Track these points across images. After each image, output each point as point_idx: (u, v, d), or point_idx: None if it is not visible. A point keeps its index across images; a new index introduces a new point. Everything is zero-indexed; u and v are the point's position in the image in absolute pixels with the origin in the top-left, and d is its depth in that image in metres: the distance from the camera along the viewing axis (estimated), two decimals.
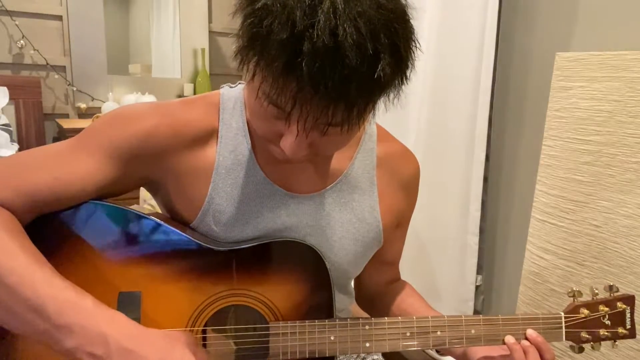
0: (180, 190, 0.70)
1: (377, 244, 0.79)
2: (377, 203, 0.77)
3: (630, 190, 1.07)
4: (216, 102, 0.72)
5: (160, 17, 2.56)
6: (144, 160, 0.67)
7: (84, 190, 0.64)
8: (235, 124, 0.71)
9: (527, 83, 1.46)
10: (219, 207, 0.70)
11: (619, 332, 0.74)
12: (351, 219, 0.75)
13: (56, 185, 0.62)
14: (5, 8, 2.05)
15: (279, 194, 0.72)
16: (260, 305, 0.68)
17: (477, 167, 1.52)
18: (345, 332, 0.68)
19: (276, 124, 0.58)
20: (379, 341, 0.69)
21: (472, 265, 1.58)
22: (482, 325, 0.71)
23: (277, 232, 0.71)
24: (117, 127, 0.67)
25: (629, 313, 0.74)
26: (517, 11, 1.48)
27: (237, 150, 0.70)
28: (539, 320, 0.72)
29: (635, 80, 1.04)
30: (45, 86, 2.21)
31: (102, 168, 0.65)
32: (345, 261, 0.75)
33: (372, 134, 0.79)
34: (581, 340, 0.73)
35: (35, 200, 0.61)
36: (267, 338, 0.66)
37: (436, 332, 0.70)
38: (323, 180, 0.74)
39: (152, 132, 0.66)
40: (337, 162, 0.75)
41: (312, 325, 0.67)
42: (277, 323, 0.67)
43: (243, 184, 0.70)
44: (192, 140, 0.69)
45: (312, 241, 0.71)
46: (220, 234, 0.70)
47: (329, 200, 0.74)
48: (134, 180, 0.70)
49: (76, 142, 0.67)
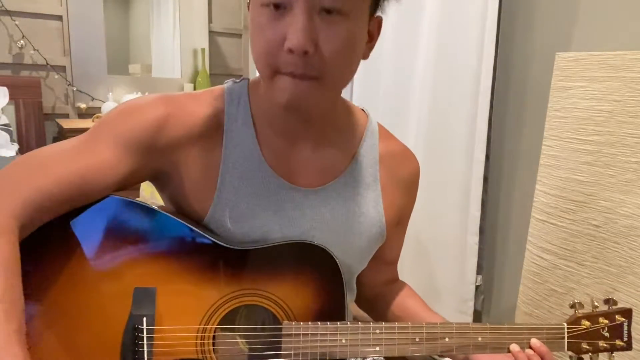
0: (189, 184, 0.70)
1: (381, 239, 0.80)
2: (380, 198, 0.78)
3: (630, 190, 1.07)
4: (221, 95, 0.73)
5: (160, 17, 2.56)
6: (157, 151, 0.67)
7: (106, 182, 0.64)
8: (241, 118, 0.72)
9: (527, 83, 1.46)
10: (229, 201, 0.70)
11: (617, 345, 0.76)
12: (355, 213, 0.75)
13: (79, 180, 0.62)
14: (5, 8, 2.05)
15: (285, 188, 0.72)
16: (273, 306, 0.68)
17: (477, 167, 1.52)
18: (357, 335, 0.68)
19: (278, 26, 0.59)
20: (388, 346, 0.69)
21: (472, 265, 1.58)
22: (489, 333, 0.72)
23: (283, 226, 0.71)
24: (129, 118, 0.67)
25: (627, 326, 0.76)
26: (517, 11, 1.48)
27: (243, 144, 0.71)
28: (543, 330, 0.74)
29: (635, 80, 1.04)
30: (45, 86, 2.21)
31: (121, 159, 0.65)
32: (349, 255, 0.75)
33: (374, 131, 0.79)
34: (581, 351, 0.75)
35: (58, 197, 0.60)
36: (280, 338, 0.66)
37: (444, 339, 0.71)
38: (327, 175, 0.75)
39: (163, 122, 0.67)
40: (341, 157, 0.76)
41: (324, 327, 0.67)
42: (290, 323, 0.67)
43: (250, 178, 0.71)
44: (199, 133, 0.69)
45: (317, 235, 0.72)
46: (232, 229, 0.70)
47: (334, 195, 0.74)
48: (147, 173, 0.69)
49: (90, 137, 0.67)
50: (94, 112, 2.29)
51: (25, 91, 2.09)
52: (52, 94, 2.24)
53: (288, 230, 0.72)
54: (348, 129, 0.77)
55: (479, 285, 1.64)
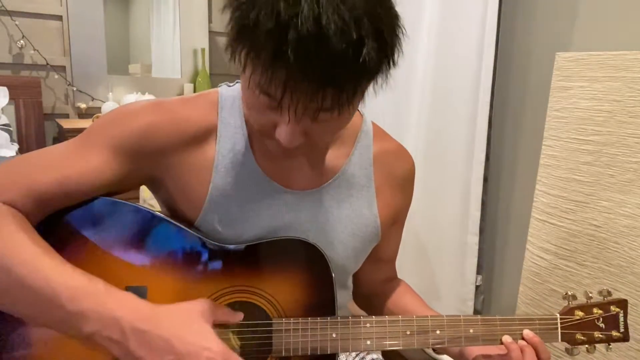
0: (181, 188, 0.70)
1: (376, 239, 0.80)
2: (374, 198, 0.78)
3: (630, 190, 1.07)
4: (215, 100, 0.72)
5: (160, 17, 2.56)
6: (147, 157, 0.67)
7: (93, 187, 0.65)
8: (234, 122, 0.72)
9: (527, 83, 1.46)
10: (220, 205, 0.70)
11: (613, 335, 0.75)
12: (349, 215, 0.76)
13: (66, 183, 0.63)
14: (5, 8, 2.05)
15: (278, 191, 0.72)
16: (264, 302, 0.68)
17: (477, 167, 1.52)
18: (347, 329, 0.68)
19: (270, 115, 0.59)
20: (379, 339, 0.69)
21: (472, 265, 1.58)
22: (481, 325, 0.72)
23: (277, 229, 0.72)
24: (119, 124, 0.67)
25: (622, 316, 0.75)
26: (517, 11, 1.48)
27: (235, 148, 0.71)
28: (535, 322, 0.74)
29: (635, 80, 1.04)
30: (45, 86, 2.21)
31: (109, 164, 0.65)
32: (344, 256, 0.76)
33: (368, 132, 0.79)
34: (576, 342, 0.75)
35: (45, 199, 0.62)
36: (271, 334, 0.67)
37: (435, 331, 0.71)
38: (321, 177, 0.75)
39: (153, 127, 0.67)
40: (334, 159, 0.76)
41: (314, 322, 0.68)
42: (280, 319, 0.68)
43: (242, 182, 0.71)
44: (192, 137, 0.69)
45: (312, 237, 0.72)
46: (223, 232, 0.70)
47: (327, 197, 0.75)
48: (138, 177, 0.70)
49: (80, 141, 0.68)
50: (94, 112, 2.29)
51: (25, 91, 2.09)
52: (52, 94, 2.24)
53: (282, 234, 0.72)
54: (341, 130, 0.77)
55: (479, 285, 1.64)
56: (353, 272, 0.82)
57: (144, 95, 2.32)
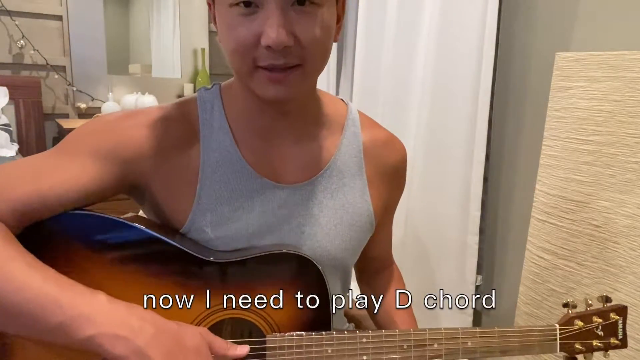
0: (167, 195, 0.69)
1: (371, 228, 0.79)
2: (366, 187, 0.77)
3: (630, 190, 1.07)
4: (194, 104, 0.72)
5: (160, 17, 2.56)
6: (125, 163, 0.66)
7: (72, 197, 0.63)
8: (216, 123, 0.71)
9: (527, 83, 1.46)
10: (209, 207, 0.69)
11: (612, 343, 0.74)
12: (344, 205, 0.75)
13: (45, 193, 0.61)
14: (5, 8, 2.05)
15: (269, 187, 0.71)
16: (257, 318, 0.67)
17: (477, 167, 1.52)
18: (343, 345, 0.67)
19: (254, 24, 0.59)
20: (376, 354, 0.68)
21: (472, 265, 1.58)
22: (479, 337, 0.71)
23: (270, 227, 0.71)
24: (96, 132, 0.67)
25: (622, 324, 0.74)
26: (517, 11, 1.48)
27: (221, 147, 0.70)
28: (534, 333, 0.73)
29: (635, 80, 1.04)
30: (45, 86, 2.21)
31: (87, 172, 0.64)
32: (342, 248, 0.75)
33: (355, 119, 0.78)
34: (575, 352, 0.74)
35: (26, 210, 0.60)
36: (264, 352, 0.65)
37: (433, 345, 0.70)
38: (311, 169, 0.74)
39: (129, 132, 0.67)
40: (323, 150, 0.75)
41: (309, 338, 0.66)
42: (275, 335, 0.66)
43: (231, 181, 0.70)
44: (173, 143, 0.68)
45: (307, 230, 0.71)
46: (212, 235, 0.69)
47: (320, 188, 0.74)
48: (119, 186, 0.68)
49: (58, 151, 0.67)
50: (94, 112, 2.29)
51: (25, 91, 2.09)
52: (52, 94, 2.24)
53: (276, 230, 0.71)
54: (327, 120, 0.76)
55: (479, 285, 1.64)
56: (351, 265, 0.81)
57: (144, 95, 2.32)
